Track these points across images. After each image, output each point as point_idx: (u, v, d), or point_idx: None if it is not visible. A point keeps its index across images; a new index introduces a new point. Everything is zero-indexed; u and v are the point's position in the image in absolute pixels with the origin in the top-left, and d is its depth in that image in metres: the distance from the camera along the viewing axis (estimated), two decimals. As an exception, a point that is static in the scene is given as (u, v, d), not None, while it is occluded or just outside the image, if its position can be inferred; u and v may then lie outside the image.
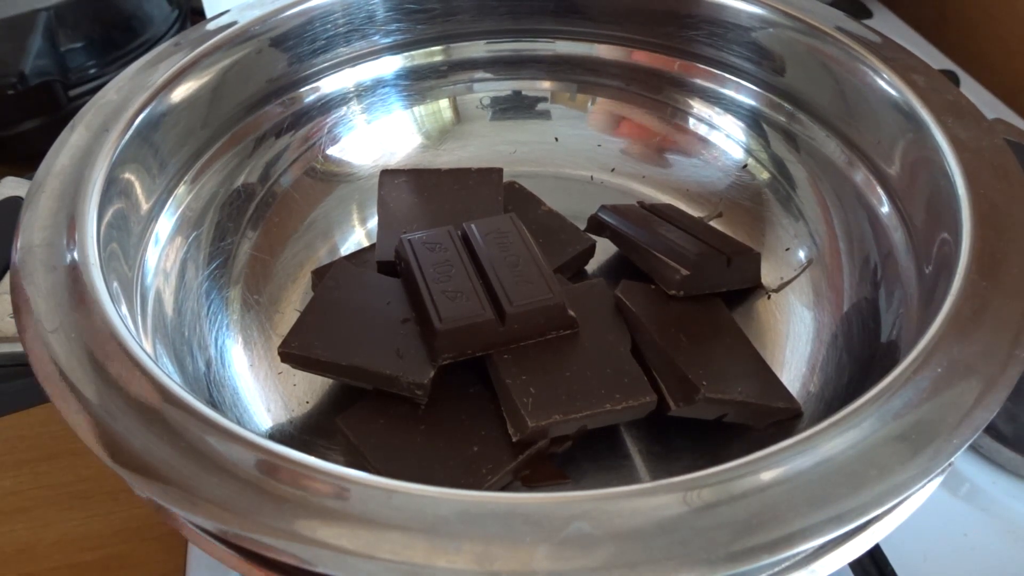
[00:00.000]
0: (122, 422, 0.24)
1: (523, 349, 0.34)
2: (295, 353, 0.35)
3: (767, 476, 0.22)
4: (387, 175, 0.45)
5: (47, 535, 0.41)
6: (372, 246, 0.43)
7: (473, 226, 0.38)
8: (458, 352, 0.34)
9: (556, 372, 0.33)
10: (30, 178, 0.37)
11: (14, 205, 0.38)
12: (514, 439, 0.32)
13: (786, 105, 0.44)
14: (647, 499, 0.21)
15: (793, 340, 0.40)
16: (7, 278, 0.32)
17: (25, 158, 0.52)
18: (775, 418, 0.35)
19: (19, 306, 0.28)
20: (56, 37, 0.57)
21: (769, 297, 0.42)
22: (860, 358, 0.36)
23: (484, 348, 0.34)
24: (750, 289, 0.41)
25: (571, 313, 0.35)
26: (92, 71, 0.59)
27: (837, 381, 0.36)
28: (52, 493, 0.42)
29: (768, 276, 0.42)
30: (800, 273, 0.41)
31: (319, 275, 0.42)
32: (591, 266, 0.44)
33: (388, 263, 0.39)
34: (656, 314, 0.37)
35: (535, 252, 0.37)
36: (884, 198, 0.38)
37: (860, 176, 0.40)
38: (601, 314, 0.36)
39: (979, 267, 0.28)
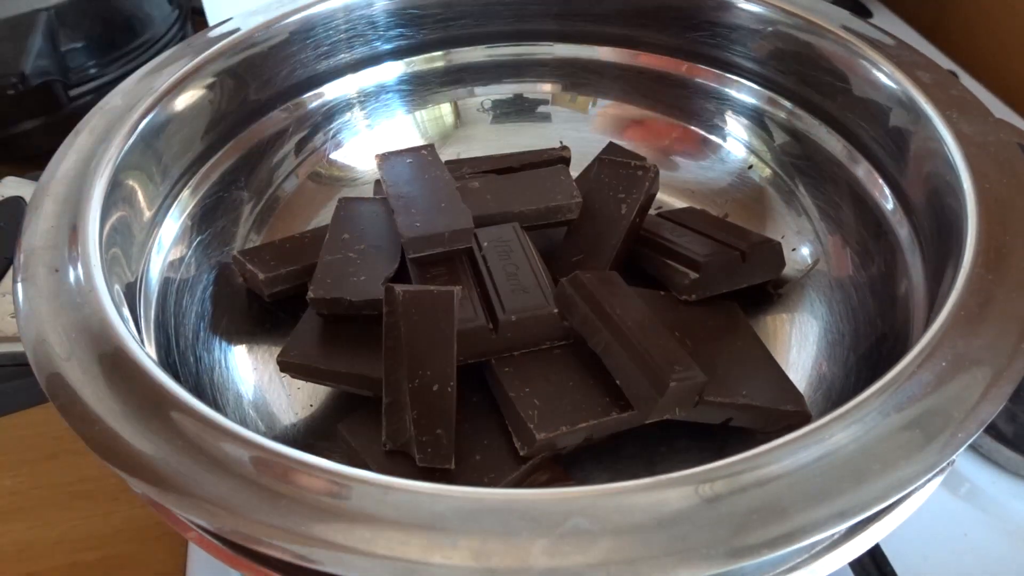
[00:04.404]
0: (121, 422, 0.24)
1: (524, 360, 0.34)
2: (294, 362, 0.35)
3: (768, 471, 0.22)
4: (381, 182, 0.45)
5: (47, 535, 0.41)
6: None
7: (475, 233, 0.38)
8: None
9: (559, 383, 0.33)
10: (31, 178, 0.37)
11: (15, 205, 0.39)
12: (522, 453, 0.32)
13: (787, 103, 0.44)
14: (646, 495, 0.21)
15: (799, 340, 0.40)
16: (8, 278, 0.32)
17: (26, 158, 0.52)
18: (783, 422, 0.34)
19: (20, 306, 0.28)
20: (56, 37, 0.57)
21: (775, 297, 0.41)
22: (868, 356, 0.36)
23: (478, 355, 0.34)
24: (756, 290, 0.41)
25: (566, 323, 0.35)
26: (92, 71, 0.59)
27: (845, 381, 0.36)
28: (52, 493, 0.43)
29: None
30: (807, 272, 0.41)
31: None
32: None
33: None
34: (662, 319, 0.36)
35: (535, 262, 0.37)
36: (888, 193, 0.38)
37: (863, 172, 0.40)
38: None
39: (985, 261, 0.28)
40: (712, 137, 0.48)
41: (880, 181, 0.39)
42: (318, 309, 0.36)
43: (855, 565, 0.35)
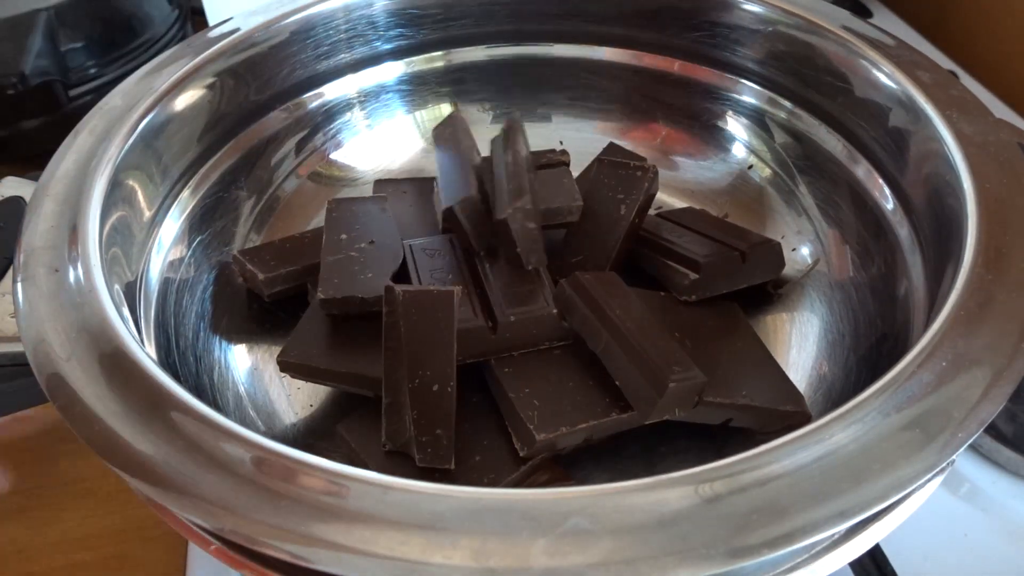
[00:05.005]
0: (121, 422, 0.24)
1: (524, 360, 0.34)
2: (294, 362, 0.35)
3: (768, 471, 0.22)
4: (381, 184, 0.45)
5: (47, 535, 0.41)
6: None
7: None
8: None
9: (559, 383, 0.33)
10: (31, 178, 0.37)
11: (15, 205, 0.39)
12: (522, 454, 0.32)
13: (787, 103, 0.44)
14: (646, 495, 0.21)
15: (799, 340, 0.40)
16: (8, 278, 0.32)
17: (26, 158, 0.52)
18: (783, 422, 0.34)
19: (20, 306, 0.28)
20: (56, 37, 0.57)
21: (775, 297, 0.41)
22: (867, 356, 0.36)
23: (477, 356, 0.34)
24: (756, 290, 0.41)
25: (565, 324, 0.35)
26: (92, 71, 0.59)
27: (845, 381, 0.36)
28: (52, 493, 0.42)
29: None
30: (807, 272, 0.41)
31: (314, 284, 0.42)
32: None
33: None
34: (661, 320, 0.36)
35: None
36: (888, 193, 0.38)
37: (863, 172, 0.40)
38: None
39: (985, 261, 0.28)
40: (712, 137, 0.48)
41: (880, 181, 0.39)
42: (328, 310, 0.35)
43: (855, 565, 0.35)
